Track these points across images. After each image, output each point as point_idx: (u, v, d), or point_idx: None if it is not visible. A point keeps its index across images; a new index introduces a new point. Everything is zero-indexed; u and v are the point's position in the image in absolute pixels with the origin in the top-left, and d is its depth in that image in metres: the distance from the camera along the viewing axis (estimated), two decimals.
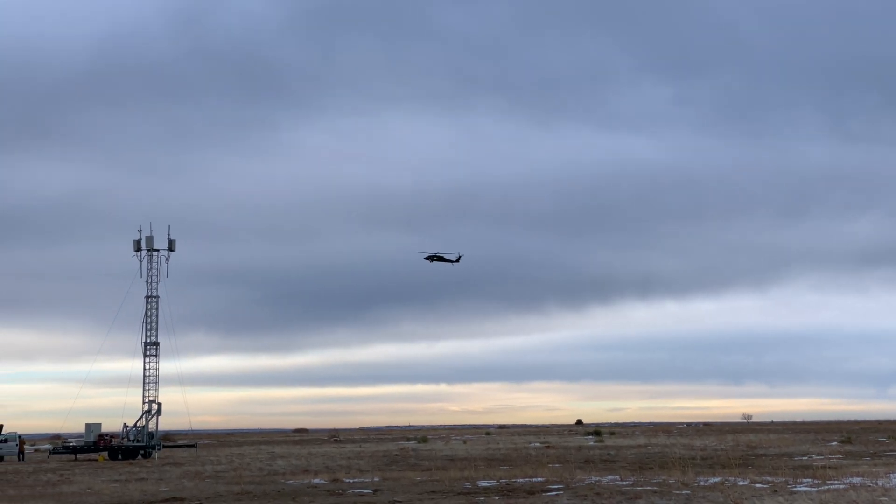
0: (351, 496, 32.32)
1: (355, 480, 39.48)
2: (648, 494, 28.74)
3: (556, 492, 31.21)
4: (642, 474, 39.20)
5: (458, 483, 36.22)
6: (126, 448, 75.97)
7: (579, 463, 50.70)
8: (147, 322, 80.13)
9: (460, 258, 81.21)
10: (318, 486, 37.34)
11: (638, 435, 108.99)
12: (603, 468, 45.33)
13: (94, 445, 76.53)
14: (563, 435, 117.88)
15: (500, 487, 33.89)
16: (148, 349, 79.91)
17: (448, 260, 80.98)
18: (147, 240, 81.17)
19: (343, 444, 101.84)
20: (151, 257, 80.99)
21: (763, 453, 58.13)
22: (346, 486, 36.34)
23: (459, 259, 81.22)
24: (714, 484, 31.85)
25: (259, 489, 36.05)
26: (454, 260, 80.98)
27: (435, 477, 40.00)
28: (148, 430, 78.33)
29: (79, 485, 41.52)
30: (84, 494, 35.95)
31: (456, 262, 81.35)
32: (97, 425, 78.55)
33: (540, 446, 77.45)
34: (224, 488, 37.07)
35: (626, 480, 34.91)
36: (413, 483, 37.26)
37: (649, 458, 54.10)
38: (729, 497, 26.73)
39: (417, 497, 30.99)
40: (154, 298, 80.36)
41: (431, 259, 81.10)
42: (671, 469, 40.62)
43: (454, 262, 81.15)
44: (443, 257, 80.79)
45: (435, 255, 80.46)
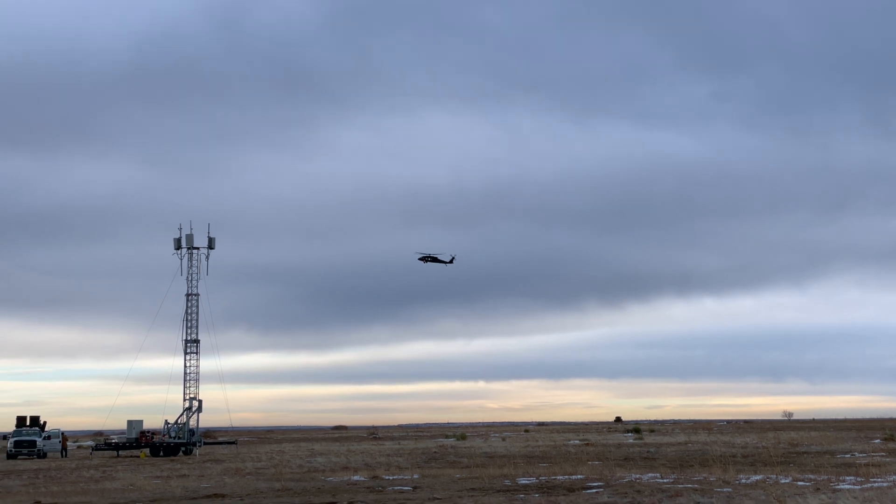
0: (391, 493, 32.37)
1: (395, 477, 39.55)
2: (689, 492, 28.58)
3: (596, 489, 31.11)
4: (683, 472, 39.00)
5: (497, 480, 36.19)
6: (167, 445, 76.51)
7: (619, 460, 50.52)
8: (187, 320, 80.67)
9: (453, 259, 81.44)
10: (357, 482, 37.43)
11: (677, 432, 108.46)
12: (643, 466, 45.14)
13: (136, 442, 77.11)
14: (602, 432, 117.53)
15: (539, 485, 33.83)
16: (188, 347, 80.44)
17: (442, 261, 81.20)
18: (187, 238, 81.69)
19: (382, 441, 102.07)
20: (191, 255, 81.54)
21: (805, 451, 57.65)
22: (385, 483, 36.40)
23: (453, 260, 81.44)
24: (756, 482, 31.63)
25: (299, 486, 36.19)
26: (447, 261, 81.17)
27: (474, 474, 39.98)
28: (189, 426, 78.84)
29: (121, 481, 41.85)
30: (126, 491, 36.23)
31: (449, 262, 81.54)
32: (139, 422, 79.15)
33: (579, 443, 77.26)
34: (265, 485, 37.24)
35: (666, 478, 34.75)
36: (452, 480, 37.27)
37: (690, 456, 53.82)
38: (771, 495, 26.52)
39: (457, 494, 30.98)
40: (194, 296, 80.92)
41: (426, 260, 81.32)
42: (712, 467, 40.39)
43: (447, 262, 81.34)
44: (437, 258, 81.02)
45: (429, 256, 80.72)
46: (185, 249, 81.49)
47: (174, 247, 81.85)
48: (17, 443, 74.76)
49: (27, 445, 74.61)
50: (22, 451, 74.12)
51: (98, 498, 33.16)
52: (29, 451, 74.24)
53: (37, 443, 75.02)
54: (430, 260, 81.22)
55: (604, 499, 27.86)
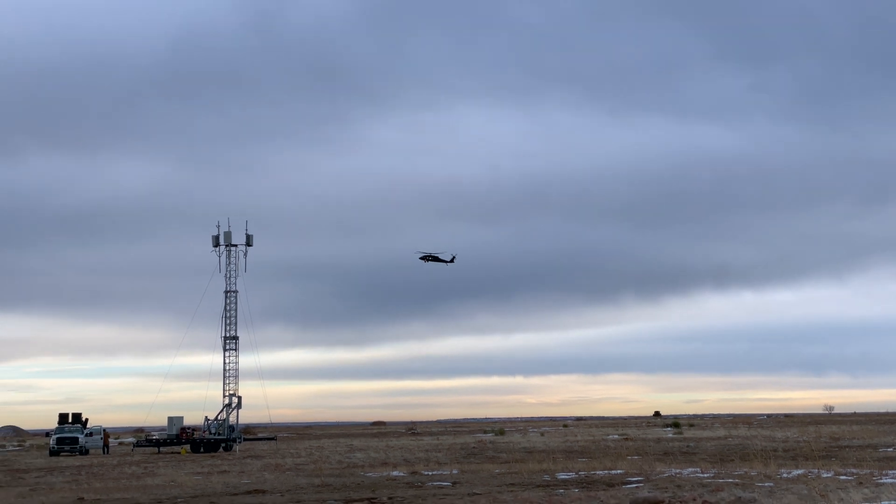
0: (430, 488, 32.39)
1: (434, 473, 39.57)
2: (730, 487, 28.40)
3: (635, 484, 30.98)
4: (723, 466, 38.77)
5: (536, 475, 36.13)
6: (208, 441, 76.99)
7: (658, 455, 50.31)
8: (226, 317, 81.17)
9: (454, 258, 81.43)
10: (397, 478, 37.48)
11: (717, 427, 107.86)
12: (683, 460, 44.92)
13: (177, 438, 77.65)
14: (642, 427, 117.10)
15: (579, 479, 33.74)
16: (227, 343, 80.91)
17: (442, 260, 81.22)
18: (225, 235, 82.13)
19: (420, 436, 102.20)
20: (230, 252, 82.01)
21: (847, 445, 57.15)
22: (424, 479, 36.43)
23: (454, 259, 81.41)
24: (797, 476, 31.38)
25: (339, 481, 36.29)
26: (448, 260, 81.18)
27: (513, 469, 39.94)
28: (229, 423, 79.30)
29: (162, 477, 42.16)
30: (168, 487, 36.49)
31: (450, 262, 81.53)
32: (179, 419, 79.71)
33: (618, 438, 77.02)
34: (304, 481, 37.38)
35: (706, 473, 34.55)
36: (492, 475, 37.24)
37: (730, 450, 53.51)
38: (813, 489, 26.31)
39: (496, 489, 30.96)
40: (233, 293, 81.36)
41: (426, 259, 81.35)
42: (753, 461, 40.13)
43: (448, 262, 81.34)
44: (437, 257, 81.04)
45: (429, 255, 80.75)
46: (223, 247, 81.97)
47: (212, 244, 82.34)
48: (59, 440, 75.47)
49: (69, 442, 75.29)
50: (64, 448, 74.82)
51: (140, 494, 33.42)
52: (71, 447, 74.92)
53: (79, 439, 75.69)
54: (430, 259, 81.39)
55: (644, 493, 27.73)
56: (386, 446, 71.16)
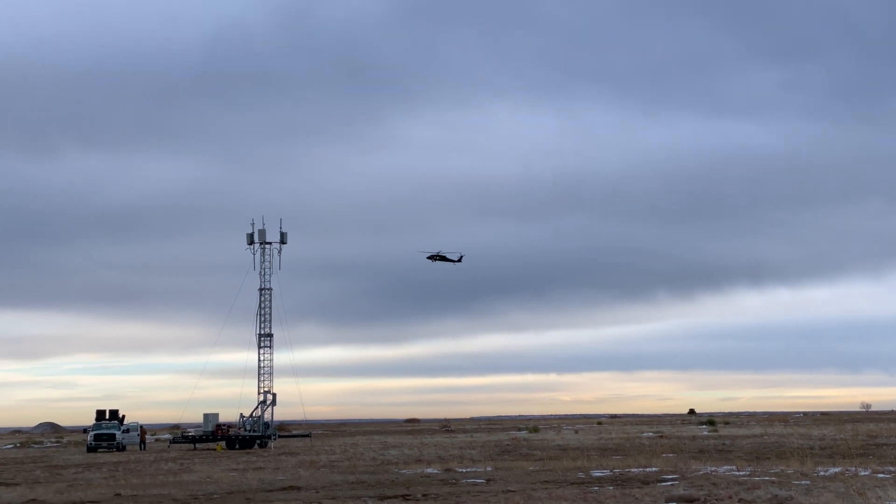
0: (464, 485, 32.40)
1: (468, 470, 39.58)
2: (767, 485, 28.23)
3: (670, 482, 30.86)
4: (759, 464, 38.55)
5: (571, 472, 36.07)
6: (243, 438, 77.39)
7: (694, 453, 50.08)
8: (261, 314, 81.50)
9: (462, 258, 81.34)
10: (431, 475, 37.52)
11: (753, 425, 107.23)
12: (718, 458, 44.70)
13: (212, 435, 78.09)
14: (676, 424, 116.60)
15: (613, 477, 33.65)
16: (262, 341, 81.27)
17: (450, 259, 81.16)
18: (259, 233, 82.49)
19: (454, 433, 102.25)
20: (264, 250, 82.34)
21: (884, 443, 56.65)
22: (459, 476, 36.46)
23: (461, 259, 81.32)
24: (834, 474, 31.15)
25: (373, 478, 36.38)
26: (456, 260, 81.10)
27: (547, 466, 39.90)
28: (264, 420, 79.66)
29: (198, 473, 42.43)
30: (204, 483, 36.71)
31: (458, 261, 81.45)
32: (215, 415, 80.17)
33: (653, 436, 76.73)
34: (339, 477, 37.51)
35: (742, 471, 34.36)
36: (526, 472, 37.21)
37: (766, 448, 53.18)
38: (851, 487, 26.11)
39: (531, 486, 30.94)
40: (267, 291, 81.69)
41: (433, 258, 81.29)
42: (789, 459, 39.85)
43: (456, 261, 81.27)
44: (445, 257, 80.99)
45: (437, 255, 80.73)
46: (257, 245, 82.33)
47: (247, 242, 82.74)
48: (97, 436, 76.12)
49: (107, 438, 75.91)
50: (102, 445, 75.44)
51: (176, 490, 33.64)
52: (108, 444, 75.54)
53: (116, 436, 76.31)
54: (438, 259, 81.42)
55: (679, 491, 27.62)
56: (420, 443, 71.25)
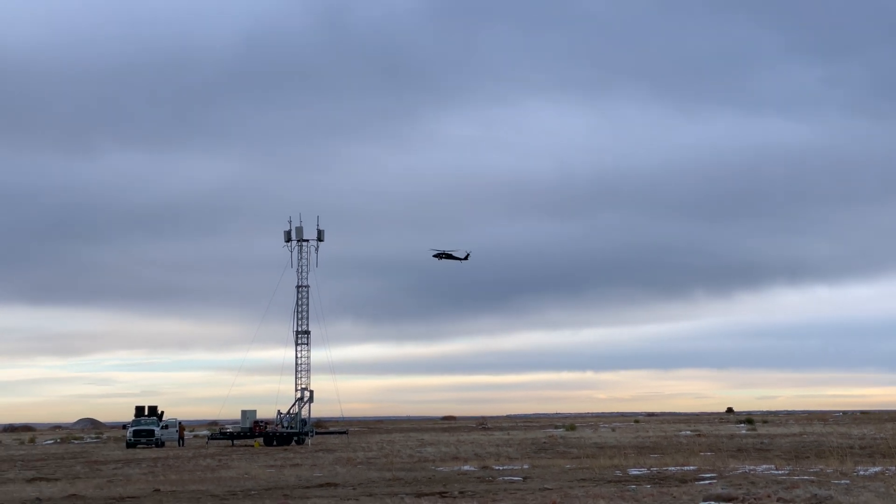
0: (501, 483, 32.40)
1: (505, 467, 39.58)
2: (806, 484, 28.02)
3: (708, 480, 30.70)
4: (798, 463, 38.28)
5: (608, 471, 35.97)
6: (280, 434, 77.72)
7: (732, 451, 49.80)
8: (298, 311, 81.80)
9: (468, 256, 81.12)
10: (468, 472, 37.55)
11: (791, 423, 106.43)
12: (757, 457, 44.42)
13: (250, 432, 78.44)
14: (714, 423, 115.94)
15: (651, 475, 33.52)
16: (299, 338, 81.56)
17: (457, 258, 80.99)
18: (297, 230, 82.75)
19: (491, 431, 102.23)
20: (301, 248, 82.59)
21: None
22: (495, 474, 36.46)
23: (468, 257, 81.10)
24: (875, 474, 30.86)
25: (410, 475, 36.45)
26: (462, 258, 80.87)
27: (584, 464, 39.81)
28: (301, 416, 79.96)
29: (236, 470, 42.67)
30: (242, 479, 36.92)
31: (464, 259, 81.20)
32: (252, 412, 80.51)
33: (690, 434, 76.34)
34: (376, 474, 37.61)
35: (781, 470, 34.13)
36: (563, 470, 37.16)
37: (805, 447, 52.78)
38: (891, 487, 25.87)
39: (568, 484, 30.88)
40: (304, 288, 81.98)
41: (440, 257, 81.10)
42: (828, 458, 39.55)
43: (462, 259, 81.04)
44: (451, 255, 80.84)
45: (444, 253, 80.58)
46: (295, 242, 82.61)
47: (284, 239, 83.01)
48: (136, 432, 76.69)
49: (146, 434, 76.47)
50: (141, 441, 76.00)
51: (215, 486, 33.86)
52: (147, 440, 76.09)
53: (155, 432, 76.85)
54: (444, 257, 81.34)
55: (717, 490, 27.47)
56: (457, 441, 71.28)
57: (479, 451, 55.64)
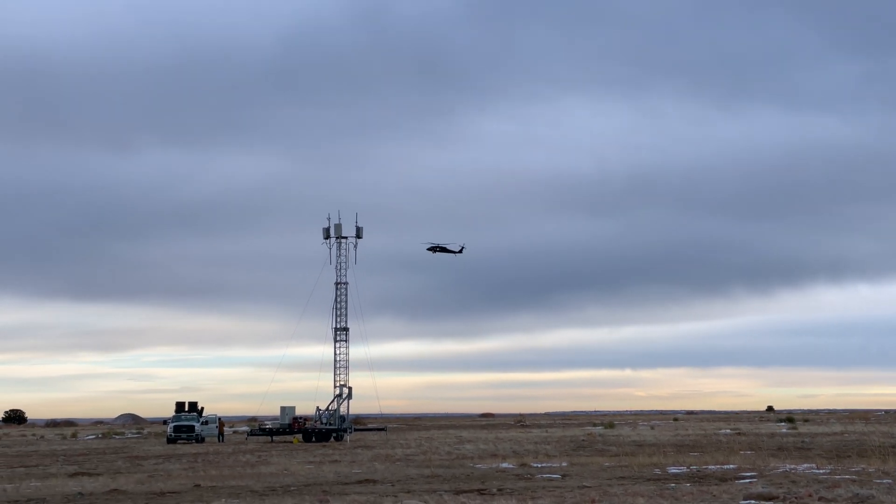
0: (539, 480, 32.37)
1: (543, 465, 39.54)
2: (847, 483, 27.79)
3: (749, 479, 30.52)
4: (840, 462, 37.95)
5: (647, 469, 35.84)
6: (319, 431, 77.97)
7: (772, 450, 49.44)
8: (337, 308, 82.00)
9: (463, 249, 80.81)
10: (506, 470, 37.54)
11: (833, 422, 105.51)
12: (797, 456, 44.08)
13: (289, 428, 78.74)
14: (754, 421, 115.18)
15: (690, 474, 33.37)
16: (338, 334, 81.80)
17: (451, 251, 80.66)
18: (336, 227, 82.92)
19: (529, 428, 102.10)
20: (340, 245, 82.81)
21: None
22: (534, 471, 36.43)
23: (462, 250, 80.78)
24: None
25: (448, 472, 36.49)
26: (457, 251, 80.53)
27: (623, 462, 39.69)
28: (339, 413, 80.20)
29: (276, 465, 42.91)
30: (281, 475, 37.11)
31: (458, 252, 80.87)
32: (291, 408, 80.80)
33: (730, 433, 75.88)
34: (414, 471, 37.67)
35: (822, 469, 33.86)
36: (601, 468, 37.06)
37: (846, 446, 52.30)
38: None
39: (607, 482, 30.80)
40: (343, 285, 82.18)
41: (434, 250, 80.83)
42: (870, 457, 39.19)
43: (457, 252, 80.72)
44: (445, 248, 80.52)
45: (438, 246, 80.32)
46: (333, 239, 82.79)
47: (323, 236, 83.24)
48: (176, 427, 77.23)
49: (186, 430, 76.98)
50: (181, 436, 76.51)
51: (254, 482, 34.06)
52: (188, 435, 76.60)
53: (195, 428, 77.36)
54: (438, 250, 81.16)
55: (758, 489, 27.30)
56: (495, 438, 71.26)
57: (518, 448, 55.59)
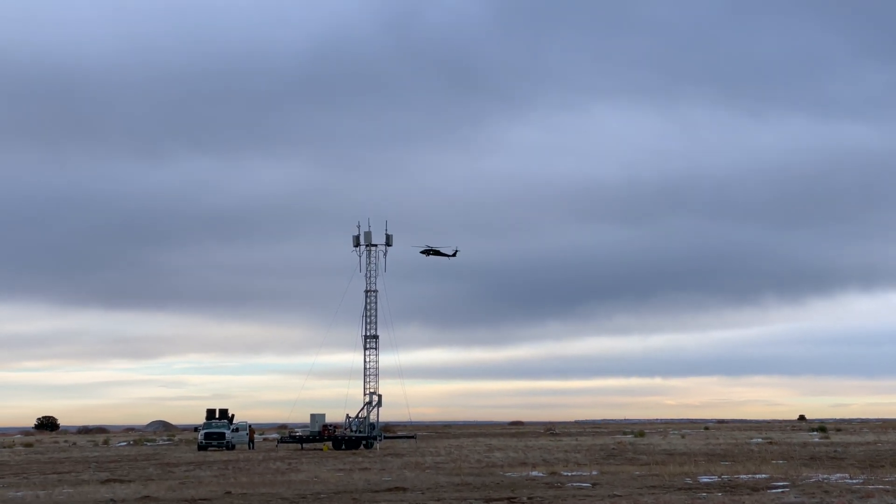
0: (570, 489, 32.28)
1: (573, 474, 39.41)
2: (881, 493, 27.56)
3: (781, 489, 30.31)
4: (873, 472, 37.62)
5: (678, 478, 35.67)
6: (349, 438, 78.04)
7: (804, 460, 49.07)
8: (366, 316, 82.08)
9: (456, 252, 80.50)
10: (536, 478, 37.46)
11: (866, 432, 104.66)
12: (830, 465, 43.74)
13: (319, 435, 78.86)
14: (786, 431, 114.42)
15: (722, 483, 33.18)
16: (368, 342, 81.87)
17: (444, 254, 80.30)
18: (366, 235, 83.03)
19: (559, 437, 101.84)
20: (370, 252, 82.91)
21: None
22: (564, 479, 36.32)
23: (455, 254, 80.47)
24: None
25: (478, 480, 36.45)
26: (450, 254, 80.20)
27: (654, 471, 39.51)
28: (369, 421, 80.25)
29: (306, 473, 42.99)
30: (311, 482, 37.18)
31: (452, 256, 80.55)
32: (321, 416, 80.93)
33: (762, 442, 75.39)
34: (444, 479, 37.65)
35: (855, 479, 33.59)
36: (632, 477, 36.91)
37: (880, 456, 51.83)
38: None
39: (637, 491, 30.68)
40: (373, 293, 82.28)
41: (427, 253, 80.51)
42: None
43: (450, 256, 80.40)
44: (439, 251, 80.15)
45: (431, 249, 79.95)
46: (363, 247, 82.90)
47: (353, 244, 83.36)
48: (207, 434, 77.54)
49: (217, 437, 77.27)
50: (212, 443, 76.79)
51: (284, 489, 34.15)
52: (218, 442, 76.87)
53: (226, 435, 77.64)
54: (431, 253, 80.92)
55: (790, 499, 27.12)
56: (524, 446, 71.12)
57: (548, 456, 55.46)
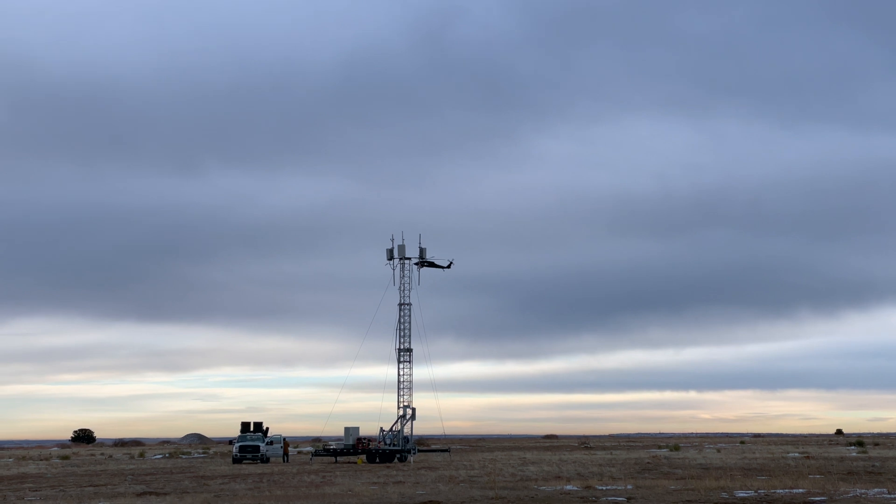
0: (604, 503, 32.13)
1: (608, 488, 39.23)
2: None
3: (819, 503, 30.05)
4: None
5: (714, 493, 35.42)
6: (383, 452, 78.07)
7: (842, 474, 48.59)
8: (400, 329, 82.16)
9: (451, 264, 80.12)
10: (570, 492, 37.31)
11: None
12: (868, 480, 43.29)
13: (353, 449, 78.97)
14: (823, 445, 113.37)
15: (758, 498, 32.92)
16: (401, 355, 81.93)
17: (439, 266, 79.91)
18: (399, 248, 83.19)
19: (593, 450, 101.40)
20: (403, 266, 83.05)
21: None
22: (598, 494, 36.16)
23: (451, 265, 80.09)
24: None
25: (512, 494, 36.36)
26: (445, 266, 79.84)
27: (690, 486, 39.25)
28: (403, 434, 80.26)
29: (340, 486, 43.03)
30: (345, 496, 37.22)
31: (447, 268, 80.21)
32: (355, 429, 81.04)
33: (798, 456, 74.74)
34: (478, 493, 37.58)
35: (894, 494, 33.23)
36: (667, 492, 36.69)
37: None
38: None
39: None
40: (406, 306, 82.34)
41: (421, 265, 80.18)
42: None
43: (445, 268, 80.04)
44: (433, 263, 79.76)
45: (425, 261, 79.64)
46: (397, 260, 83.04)
47: (387, 258, 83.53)
48: (241, 447, 77.84)
49: (251, 450, 77.56)
50: (247, 456, 77.10)
51: (319, 502, 34.20)
52: (253, 455, 77.17)
53: (260, 448, 77.91)
54: (426, 265, 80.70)
55: None
56: (559, 460, 70.87)
57: (582, 470, 55.23)
